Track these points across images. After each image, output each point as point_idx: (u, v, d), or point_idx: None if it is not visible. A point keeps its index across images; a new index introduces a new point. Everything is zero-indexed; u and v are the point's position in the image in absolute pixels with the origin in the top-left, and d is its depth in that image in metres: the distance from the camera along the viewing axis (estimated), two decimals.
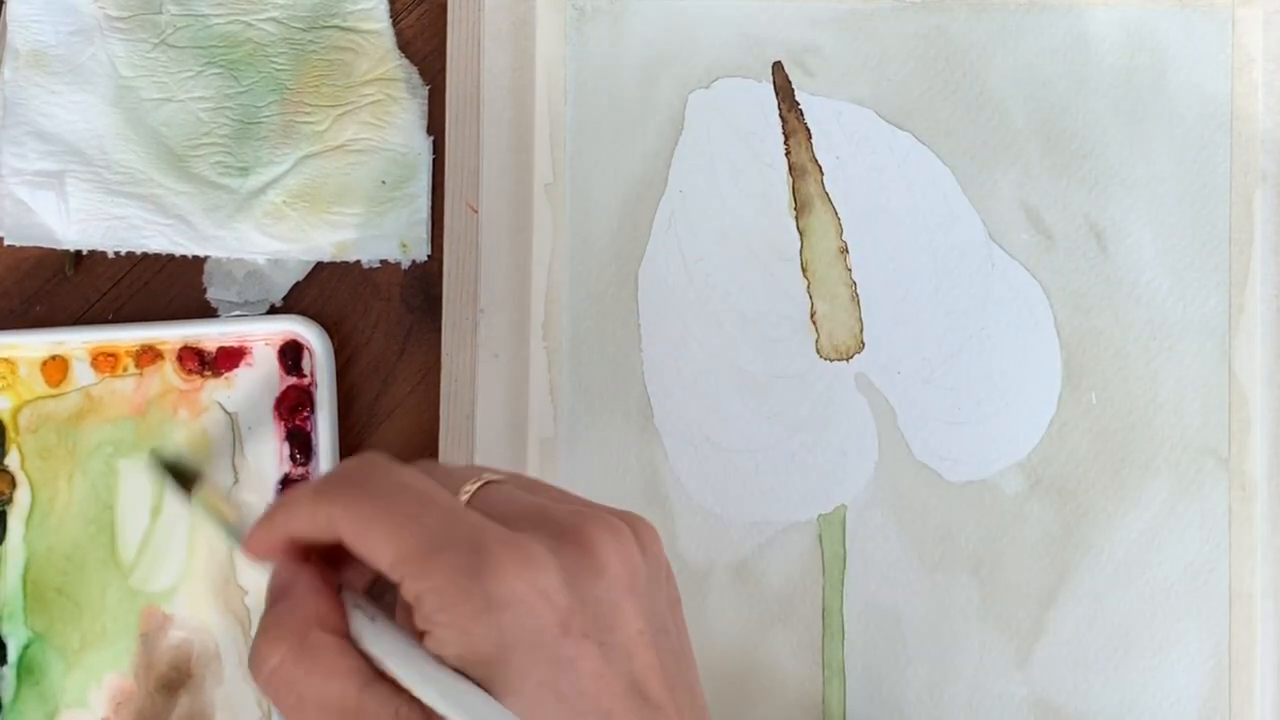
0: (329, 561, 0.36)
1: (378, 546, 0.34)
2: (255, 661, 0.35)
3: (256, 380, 0.48)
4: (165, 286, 0.50)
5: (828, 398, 0.48)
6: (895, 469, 0.47)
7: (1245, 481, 0.47)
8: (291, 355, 0.48)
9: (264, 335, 0.48)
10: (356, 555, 0.35)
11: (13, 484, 0.48)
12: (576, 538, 0.34)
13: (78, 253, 0.49)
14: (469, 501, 0.35)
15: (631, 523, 0.35)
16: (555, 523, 0.34)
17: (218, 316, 0.49)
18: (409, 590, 0.33)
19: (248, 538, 0.37)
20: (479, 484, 0.36)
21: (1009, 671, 0.47)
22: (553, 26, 0.48)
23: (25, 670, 0.48)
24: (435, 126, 0.49)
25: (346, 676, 0.34)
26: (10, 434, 0.48)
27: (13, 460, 0.48)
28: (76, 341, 0.48)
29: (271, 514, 0.36)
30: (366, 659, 0.34)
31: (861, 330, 0.48)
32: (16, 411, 0.48)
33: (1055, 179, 0.48)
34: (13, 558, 0.48)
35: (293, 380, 0.48)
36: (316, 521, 0.35)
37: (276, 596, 0.36)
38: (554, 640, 0.33)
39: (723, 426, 0.48)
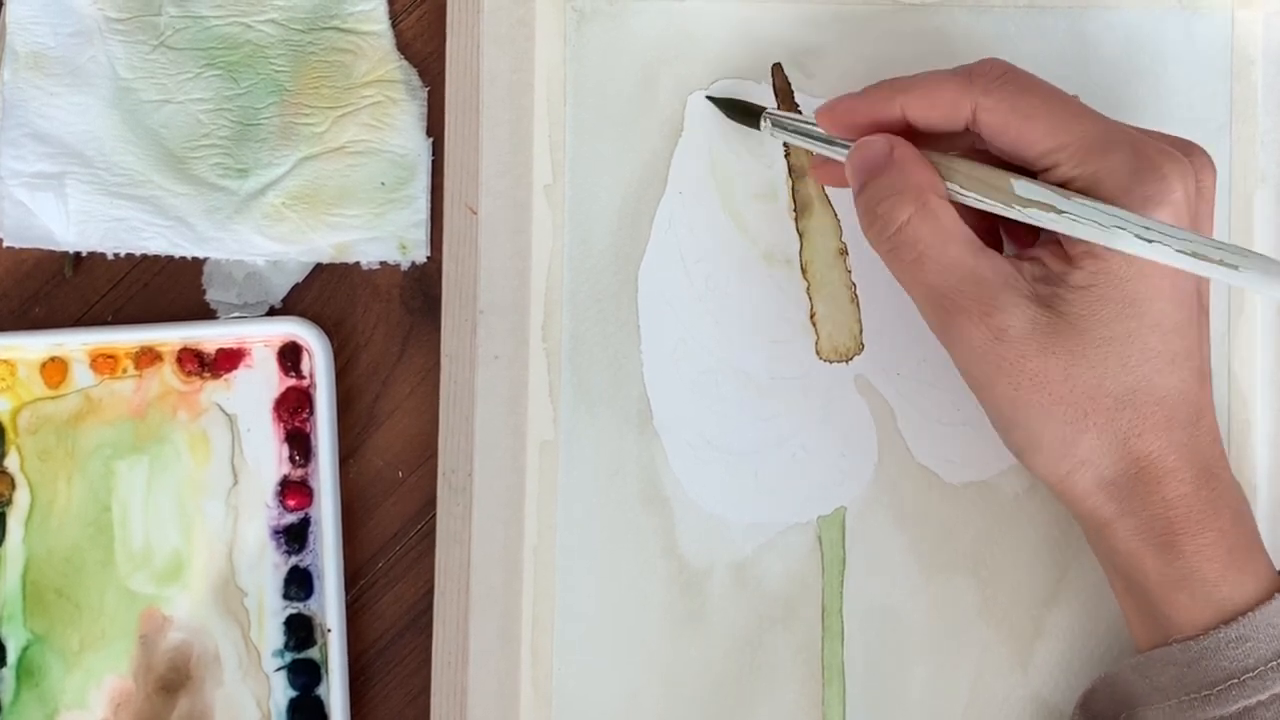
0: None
1: (1036, 136, 0.39)
2: (881, 222, 0.41)
3: (256, 382, 0.48)
4: (164, 288, 0.49)
5: (827, 399, 0.48)
6: (895, 470, 0.47)
7: (1245, 484, 0.47)
8: (291, 357, 0.48)
9: (263, 337, 0.48)
10: (993, 146, 0.40)
11: (12, 485, 0.48)
12: (1188, 153, 0.40)
13: (77, 254, 0.49)
14: None
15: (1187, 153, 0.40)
16: (1165, 140, 0.40)
17: (217, 318, 0.49)
18: (1062, 174, 0.39)
19: (842, 107, 0.42)
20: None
21: (1009, 672, 0.47)
22: (552, 28, 0.48)
23: (25, 672, 0.48)
24: (435, 128, 0.49)
25: (963, 242, 0.40)
26: (9, 435, 0.48)
27: (12, 462, 0.48)
28: (76, 343, 0.48)
29: (884, 88, 0.42)
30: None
31: (861, 332, 0.48)
32: (16, 413, 0.48)
33: None
34: (12, 559, 0.48)
35: (292, 382, 0.48)
36: (946, 103, 0.40)
37: (878, 167, 0.41)
38: None
39: (722, 428, 0.48)
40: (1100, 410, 0.39)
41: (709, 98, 0.48)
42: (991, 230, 0.44)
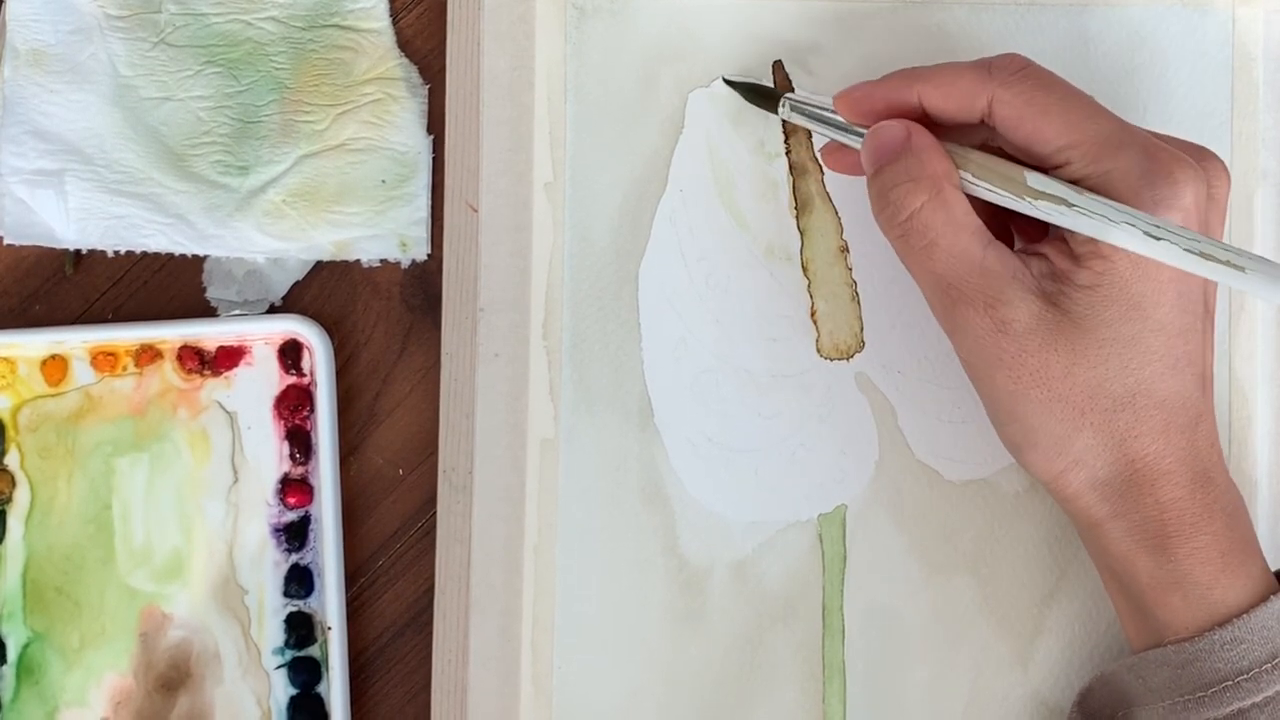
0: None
1: (1050, 132, 0.39)
2: (893, 207, 0.41)
3: (256, 379, 0.48)
4: (165, 286, 0.49)
5: (828, 397, 0.48)
6: (896, 468, 0.47)
7: (1246, 480, 0.47)
8: (291, 354, 0.48)
9: (263, 334, 0.48)
10: (1006, 138, 0.41)
11: (12, 483, 0.48)
12: (1200, 158, 0.40)
13: (77, 252, 0.49)
14: None
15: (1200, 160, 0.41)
16: (1177, 144, 0.41)
17: (217, 316, 0.49)
18: (1074, 172, 0.39)
19: (860, 93, 0.43)
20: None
21: (1009, 670, 0.47)
22: (553, 25, 0.48)
23: (25, 669, 0.48)
24: (435, 125, 0.49)
25: (973, 233, 0.40)
26: (10, 433, 0.48)
27: (12, 459, 0.48)
28: (76, 341, 0.48)
29: (903, 76, 0.42)
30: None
31: (862, 329, 0.48)
32: (16, 411, 0.48)
33: None
34: (12, 557, 0.48)
35: (292, 379, 0.48)
36: (962, 94, 0.41)
37: (894, 151, 0.41)
38: None
39: (723, 426, 0.48)
40: (1098, 410, 0.39)
41: (727, 80, 0.48)
42: (1003, 226, 0.44)
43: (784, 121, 0.48)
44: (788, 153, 0.48)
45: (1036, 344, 0.39)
